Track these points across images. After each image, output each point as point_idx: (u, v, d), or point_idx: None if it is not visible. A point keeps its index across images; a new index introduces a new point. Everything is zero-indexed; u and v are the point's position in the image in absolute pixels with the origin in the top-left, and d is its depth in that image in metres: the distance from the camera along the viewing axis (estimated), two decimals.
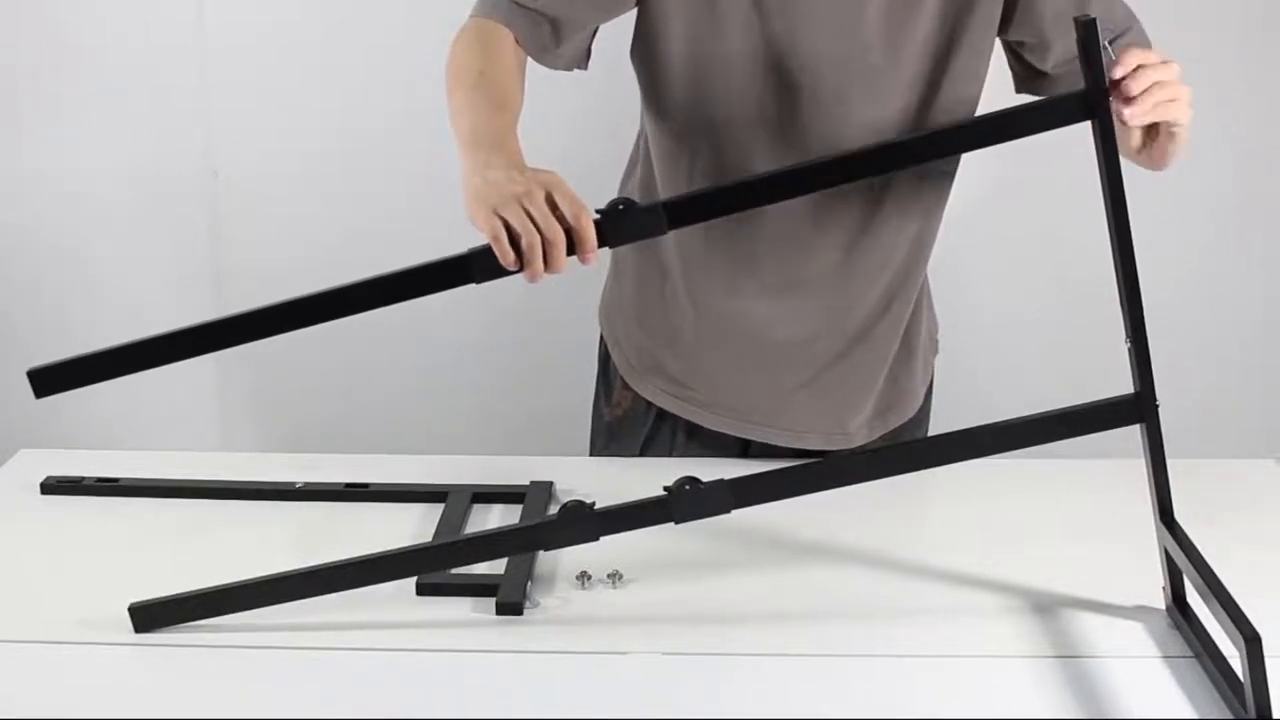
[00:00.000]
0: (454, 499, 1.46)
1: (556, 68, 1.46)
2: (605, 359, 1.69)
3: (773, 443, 1.60)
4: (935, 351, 1.71)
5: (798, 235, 1.49)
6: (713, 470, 1.22)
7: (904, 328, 1.59)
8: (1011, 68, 1.53)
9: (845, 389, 1.58)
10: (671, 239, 1.53)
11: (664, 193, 1.52)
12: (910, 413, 1.65)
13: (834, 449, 1.59)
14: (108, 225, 2.51)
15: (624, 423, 1.66)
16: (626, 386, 1.65)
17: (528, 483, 1.49)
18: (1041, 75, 1.50)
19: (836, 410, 1.59)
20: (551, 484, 1.50)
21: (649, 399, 1.63)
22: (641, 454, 1.65)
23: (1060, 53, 1.47)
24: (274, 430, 2.59)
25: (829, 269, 1.51)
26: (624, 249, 1.62)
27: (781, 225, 1.48)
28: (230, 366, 2.56)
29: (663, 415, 1.63)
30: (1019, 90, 1.54)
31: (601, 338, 1.69)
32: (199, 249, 2.52)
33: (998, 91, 1.54)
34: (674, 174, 1.50)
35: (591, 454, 1.71)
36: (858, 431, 1.60)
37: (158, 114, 2.45)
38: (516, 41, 1.40)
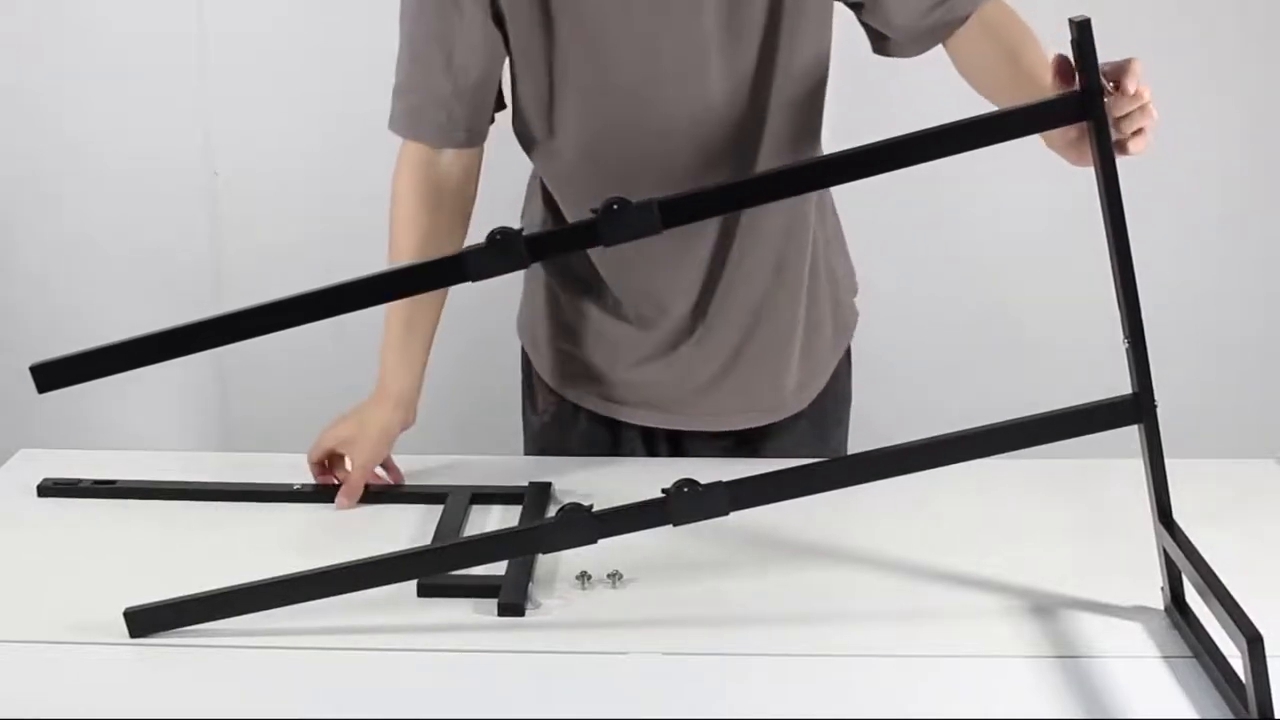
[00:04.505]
0: (453, 500, 1.46)
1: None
2: (527, 367, 1.71)
3: (701, 429, 1.62)
4: (854, 313, 1.70)
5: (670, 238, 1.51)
6: (712, 471, 1.22)
7: (803, 301, 1.58)
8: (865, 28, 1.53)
9: (759, 369, 1.59)
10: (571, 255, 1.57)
11: (571, 215, 1.54)
12: (824, 378, 1.66)
13: (760, 425, 1.62)
14: (108, 225, 2.51)
15: (554, 426, 1.68)
16: (551, 391, 1.67)
17: (526, 483, 1.49)
18: (885, 38, 1.51)
19: (756, 391, 1.60)
20: (550, 484, 1.50)
21: (574, 401, 1.65)
22: (576, 455, 1.66)
23: (900, 15, 1.46)
24: (274, 431, 2.59)
25: (706, 265, 1.53)
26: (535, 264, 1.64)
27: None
28: (230, 367, 2.56)
29: (592, 415, 1.65)
30: (875, 52, 1.54)
31: (523, 349, 1.71)
32: (199, 249, 2.52)
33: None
34: (573, 194, 1.52)
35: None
36: (783, 404, 1.62)
37: (158, 115, 2.45)
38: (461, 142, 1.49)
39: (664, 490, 1.19)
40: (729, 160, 1.47)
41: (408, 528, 1.42)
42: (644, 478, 1.32)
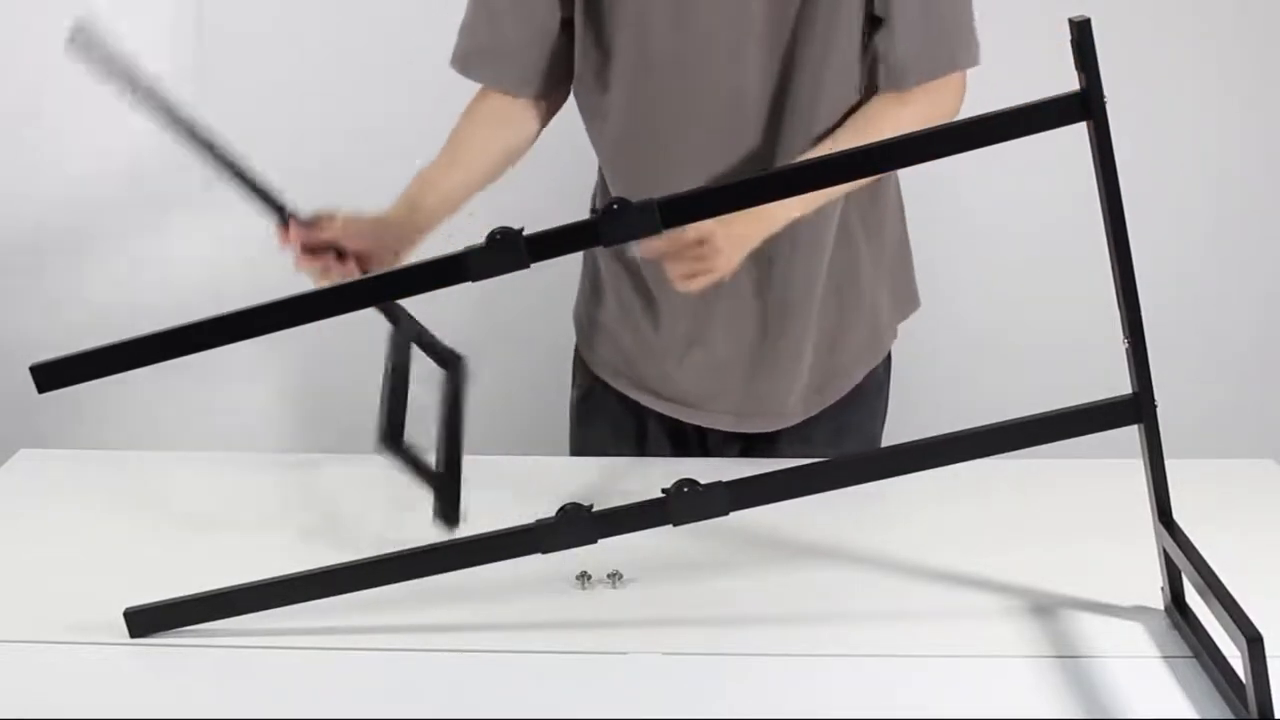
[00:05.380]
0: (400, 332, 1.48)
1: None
2: (577, 350, 1.76)
3: (718, 427, 1.65)
4: (891, 334, 1.71)
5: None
6: (712, 471, 1.22)
7: (815, 314, 1.59)
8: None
9: (773, 373, 1.61)
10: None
11: (616, 191, 1.57)
12: (847, 387, 1.66)
13: (772, 429, 1.64)
14: (108, 226, 2.51)
15: (586, 402, 1.73)
16: (588, 370, 1.72)
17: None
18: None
19: (767, 394, 1.62)
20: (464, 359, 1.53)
21: (606, 381, 1.69)
22: (609, 437, 1.70)
23: (884, 48, 1.48)
24: (273, 430, 2.59)
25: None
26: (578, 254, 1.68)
27: None
28: (230, 367, 2.56)
29: (622, 399, 1.69)
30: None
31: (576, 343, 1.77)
32: (199, 249, 2.52)
33: (994, 92, 1.54)
34: (621, 166, 1.56)
35: (570, 439, 1.78)
36: (788, 409, 1.63)
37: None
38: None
39: (664, 490, 1.19)
40: (764, 146, 1.49)
41: (407, 524, 1.42)
42: (644, 478, 1.32)
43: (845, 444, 1.68)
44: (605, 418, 1.71)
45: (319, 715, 1.10)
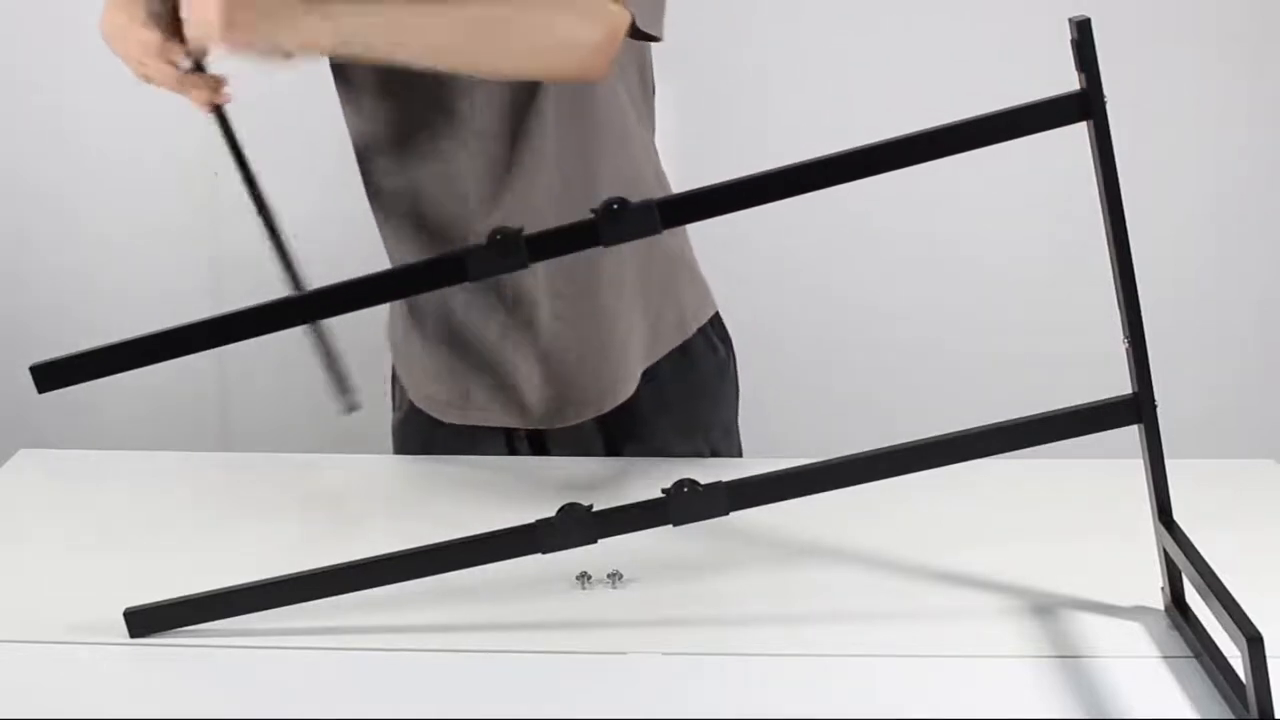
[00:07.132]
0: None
1: None
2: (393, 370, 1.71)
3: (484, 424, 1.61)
4: (675, 333, 1.63)
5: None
6: (712, 471, 1.22)
7: (563, 318, 1.54)
8: None
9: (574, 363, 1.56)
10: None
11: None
12: (612, 404, 1.59)
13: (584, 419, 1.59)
14: (108, 226, 2.52)
15: (406, 425, 1.67)
16: (403, 389, 1.67)
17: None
18: None
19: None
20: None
21: (413, 400, 1.64)
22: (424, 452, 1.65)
23: None
24: (274, 431, 2.59)
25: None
26: None
27: None
28: (230, 367, 2.56)
29: (437, 422, 1.63)
30: None
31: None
32: (199, 249, 2.52)
33: (994, 92, 1.54)
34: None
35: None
36: (608, 397, 1.57)
37: (158, 114, 2.45)
38: None
39: (664, 490, 1.19)
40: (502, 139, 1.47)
41: (408, 525, 1.42)
42: (644, 478, 1.32)
43: (694, 439, 1.63)
44: (427, 435, 1.65)
45: (319, 715, 1.10)
